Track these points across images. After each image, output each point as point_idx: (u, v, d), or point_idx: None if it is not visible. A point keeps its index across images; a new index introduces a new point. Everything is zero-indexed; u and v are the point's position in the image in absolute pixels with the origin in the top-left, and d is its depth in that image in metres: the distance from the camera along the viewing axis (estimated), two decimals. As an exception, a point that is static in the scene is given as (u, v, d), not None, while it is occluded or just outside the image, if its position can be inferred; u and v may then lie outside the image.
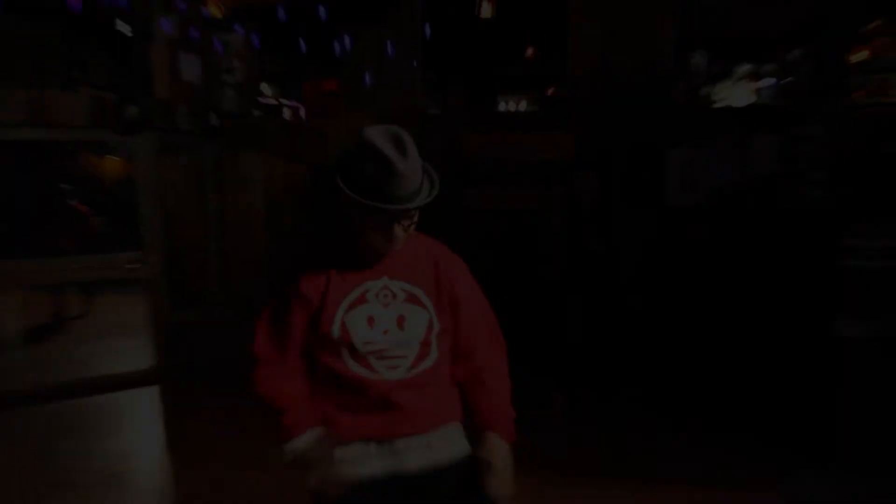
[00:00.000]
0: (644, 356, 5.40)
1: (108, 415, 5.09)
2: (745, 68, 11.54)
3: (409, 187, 1.77)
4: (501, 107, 13.11)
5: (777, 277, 4.64)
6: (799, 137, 4.55)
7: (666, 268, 5.61)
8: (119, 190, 8.83)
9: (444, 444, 1.92)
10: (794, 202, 4.58)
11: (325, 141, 6.35)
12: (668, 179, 5.65)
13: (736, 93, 11.57)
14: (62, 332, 7.62)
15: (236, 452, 4.24)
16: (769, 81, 10.88)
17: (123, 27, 6.59)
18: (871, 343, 3.62)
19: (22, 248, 8.28)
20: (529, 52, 10.70)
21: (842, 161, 4.75)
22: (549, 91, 13.09)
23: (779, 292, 4.58)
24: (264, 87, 12.15)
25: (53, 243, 7.64)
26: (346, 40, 6.17)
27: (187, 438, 4.55)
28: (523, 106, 13.45)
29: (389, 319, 1.88)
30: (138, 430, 4.84)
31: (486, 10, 5.42)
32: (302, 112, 11.51)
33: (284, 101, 10.89)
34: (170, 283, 6.06)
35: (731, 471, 3.88)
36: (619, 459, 4.06)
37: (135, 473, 4.08)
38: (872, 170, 4.74)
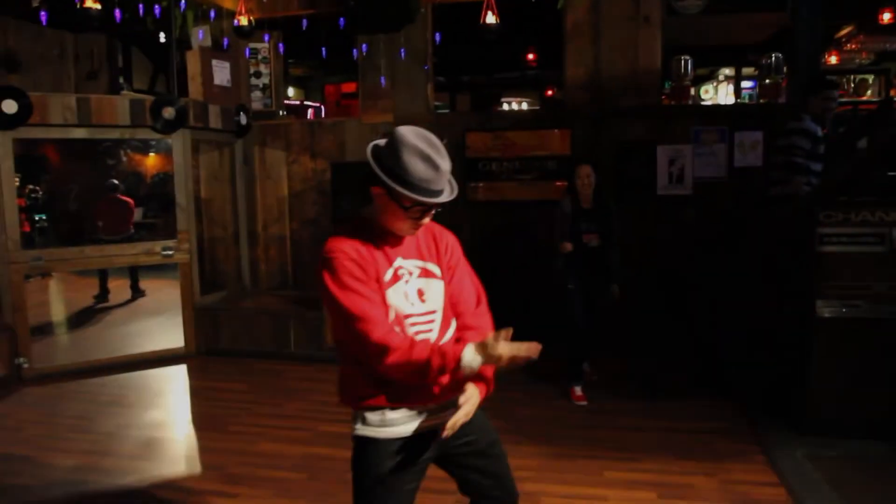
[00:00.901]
0: (630, 336, 5.35)
1: (144, 389, 5.08)
2: (726, 71, 11.45)
3: (444, 184, 1.84)
4: (504, 107, 13.06)
5: (770, 262, 4.54)
6: (794, 131, 4.41)
7: (653, 255, 5.56)
8: (158, 184, 8.83)
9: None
10: (782, 191, 4.49)
11: (343, 138, 6.30)
12: (659, 172, 5.59)
13: (720, 93, 11.47)
14: (106, 313, 7.61)
15: (254, 426, 4.22)
16: (749, 83, 10.78)
17: (163, 37, 6.56)
18: (839, 322, 3.57)
19: (71, 236, 8.29)
20: (530, 56, 10.60)
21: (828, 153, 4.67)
22: (548, 92, 13.02)
23: (773, 275, 4.49)
24: (289, 90, 12.10)
25: (99, 232, 7.62)
26: (363, 47, 6.11)
27: (212, 412, 4.53)
28: (524, 106, 13.39)
29: (413, 294, 1.91)
30: (170, 404, 4.83)
31: (490, 20, 5.33)
32: (323, 112, 11.50)
33: (307, 103, 10.88)
34: (201, 268, 6.05)
35: (717, 437, 3.85)
36: (610, 431, 4.00)
37: (166, 443, 4.06)
38: (851, 162, 4.66)
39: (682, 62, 5.95)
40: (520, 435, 3.90)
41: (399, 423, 1.91)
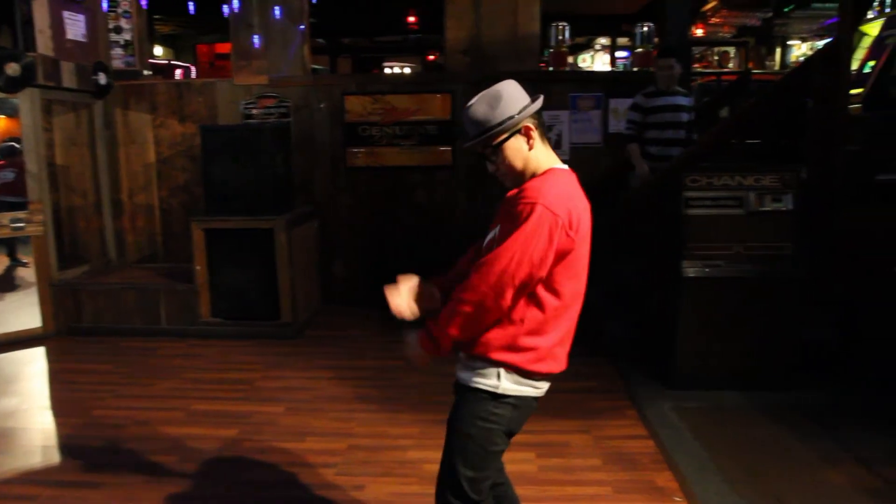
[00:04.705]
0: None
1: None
2: (602, 41, 11.79)
3: (469, 130, 1.92)
4: (387, 71, 12.86)
5: (645, 225, 4.72)
6: (630, 106, 4.69)
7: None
8: (6, 149, 8.01)
9: None
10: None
11: (214, 101, 5.94)
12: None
13: (596, 62, 11.81)
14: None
15: (121, 408, 3.94)
16: (624, 53, 11.16)
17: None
18: (702, 281, 3.76)
19: None
20: (411, 19, 10.43)
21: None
22: (431, 57, 12.93)
23: (647, 238, 4.67)
24: (155, 49, 11.30)
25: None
26: (235, 3, 5.74)
27: (73, 397, 4.18)
28: (407, 70, 13.24)
29: None
30: (24, 390, 4.38)
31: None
32: (194, 73, 10.83)
33: (175, 62, 10.20)
34: (59, 241, 5.55)
35: (592, 395, 3.99)
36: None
37: (18, 433, 3.70)
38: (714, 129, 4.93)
39: (560, 29, 6.03)
40: (402, 403, 3.89)
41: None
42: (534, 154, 1.89)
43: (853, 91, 5.58)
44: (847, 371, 3.93)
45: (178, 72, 8.98)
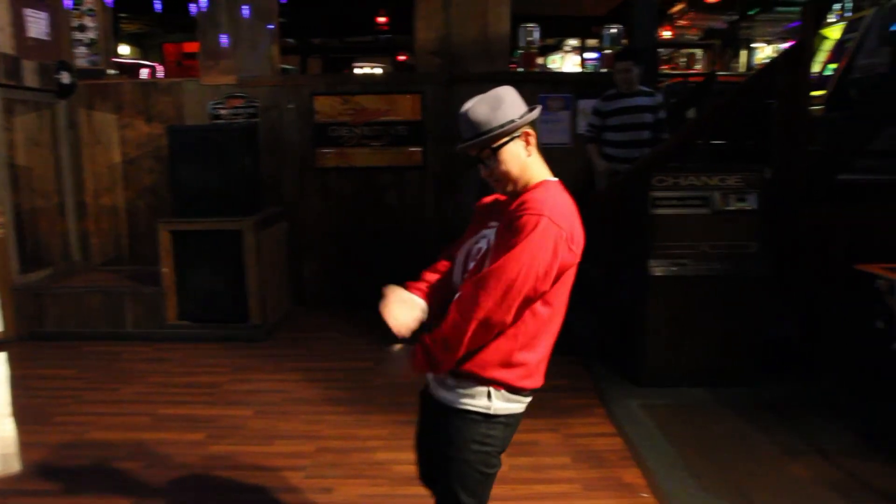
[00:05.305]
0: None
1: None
2: (572, 42, 11.88)
3: (465, 130, 1.82)
4: (357, 71, 12.81)
5: (612, 225, 4.75)
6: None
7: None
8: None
9: None
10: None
11: (182, 100, 5.85)
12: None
13: (566, 63, 11.89)
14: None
15: (84, 414, 3.87)
16: (594, 54, 11.26)
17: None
18: (668, 280, 3.80)
19: None
20: (381, 20, 10.41)
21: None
22: (401, 57, 12.92)
23: (614, 237, 4.70)
24: (121, 47, 11.11)
25: None
26: (202, 2, 5.66)
27: (34, 403, 4.07)
28: (378, 71, 13.20)
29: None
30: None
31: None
32: (162, 73, 10.68)
33: (141, 62, 10.04)
34: (20, 243, 5.42)
35: (561, 394, 3.99)
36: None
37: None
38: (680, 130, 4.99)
39: (530, 30, 6.06)
40: (371, 404, 3.86)
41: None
42: (530, 162, 1.85)
43: (816, 93, 5.69)
44: (810, 367, 4.00)
45: (144, 71, 8.83)
